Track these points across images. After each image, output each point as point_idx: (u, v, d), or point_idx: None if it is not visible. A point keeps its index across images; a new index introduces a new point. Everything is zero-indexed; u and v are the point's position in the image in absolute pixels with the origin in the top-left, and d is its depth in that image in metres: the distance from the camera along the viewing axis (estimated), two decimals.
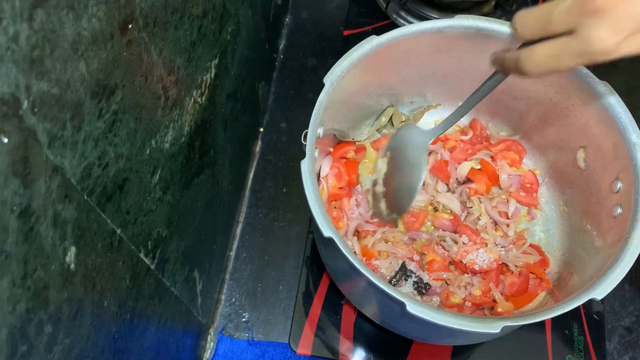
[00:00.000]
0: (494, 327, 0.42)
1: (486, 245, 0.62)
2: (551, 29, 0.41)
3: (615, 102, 0.52)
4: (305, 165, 0.48)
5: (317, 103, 0.51)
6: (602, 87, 0.53)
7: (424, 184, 0.67)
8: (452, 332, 0.46)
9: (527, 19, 0.43)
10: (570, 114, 0.59)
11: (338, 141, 0.67)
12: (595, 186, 0.58)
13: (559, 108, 0.60)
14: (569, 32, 0.40)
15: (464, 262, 0.61)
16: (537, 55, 0.42)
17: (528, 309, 0.59)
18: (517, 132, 0.69)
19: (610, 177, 0.54)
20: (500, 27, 0.56)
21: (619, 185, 0.52)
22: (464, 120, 0.71)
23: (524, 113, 0.66)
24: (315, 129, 0.50)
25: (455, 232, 0.64)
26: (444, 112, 0.72)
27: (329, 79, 0.53)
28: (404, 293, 0.43)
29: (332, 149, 0.66)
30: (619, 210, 0.51)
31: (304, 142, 0.49)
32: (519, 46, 0.45)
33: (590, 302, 0.44)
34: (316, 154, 0.50)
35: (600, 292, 0.44)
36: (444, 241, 0.64)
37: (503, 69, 0.47)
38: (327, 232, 0.45)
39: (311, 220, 0.72)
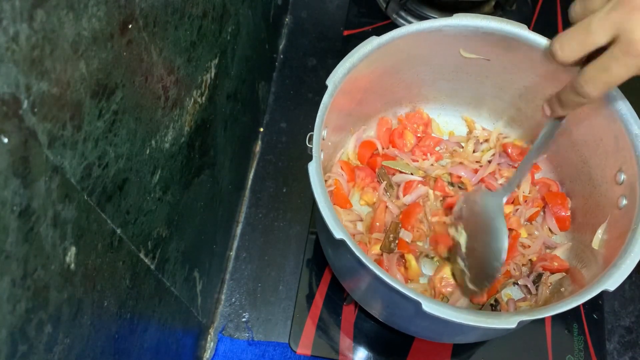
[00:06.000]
0: (510, 322, 0.42)
1: None
2: (593, 41, 0.40)
3: (615, 95, 0.53)
4: (312, 167, 0.48)
5: (322, 105, 0.51)
6: None
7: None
8: (466, 329, 0.46)
9: (565, 38, 0.43)
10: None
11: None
12: (598, 179, 0.58)
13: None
14: (612, 42, 0.39)
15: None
16: (588, 74, 0.41)
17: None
18: (517, 128, 0.69)
19: (613, 170, 0.54)
20: (499, 25, 0.56)
21: (623, 177, 0.52)
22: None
23: (523, 108, 0.66)
24: (320, 132, 0.50)
25: None
26: (444, 111, 0.72)
27: (332, 80, 0.53)
28: (419, 293, 0.43)
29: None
30: (625, 202, 0.51)
31: (309, 145, 0.49)
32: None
33: (591, 301, 0.44)
34: (322, 156, 0.50)
35: (612, 283, 0.44)
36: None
37: (562, 107, 0.47)
38: (338, 234, 0.45)
39: (312, 220, 0.72)
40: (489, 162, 0.68)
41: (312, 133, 0.50)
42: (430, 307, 0.42)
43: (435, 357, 0.64)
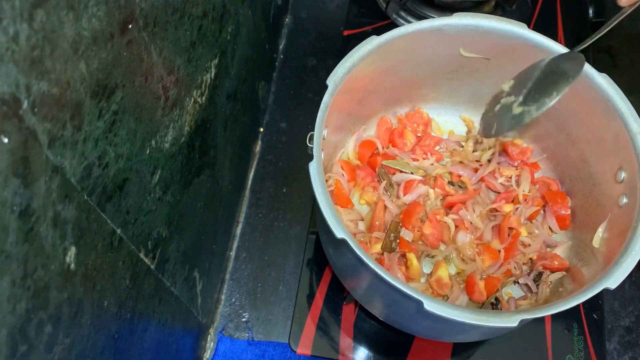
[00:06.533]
0: (511, 321, 0.42)
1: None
2: None
3: (614, 93, 0.53)
4: (313, 167, 0.48)
5: (322, 105, 0.51)
6: (601, 78, 0.53)
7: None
8: (468, 327, 0.46)
9: None
10: (569, 106, 0.59)
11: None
12: (598, 177, 0.58)
13: (558, 101, 0.60)
14: None
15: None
16: None
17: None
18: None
19: (613, 168, 0.54)
20: (499, 24, 0.56)
21: (623, 175, 0.53)
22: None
23: None
24: (321, 131, 0.50)
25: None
26: (444, 111, 0.72)
27: (332, 80, 0.53)
28: (420, 292, 0.43)
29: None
30: (625, 200, 0.52)
31: (309, 145, 0.49)
32: None
33: (591, 301, 0.45)
34: (322, 155, 0.50)
35: (613, 281, 0.45)
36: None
37: None
38: (339, 233, 0.45)
39: (312, 220, 0.72)
40: (489, 161, 0.68)
41: (312, 133, 0.50)
42: (432, 306, 0.42)
43: (435, 356, 0.64)
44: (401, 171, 0.67)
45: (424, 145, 0.70)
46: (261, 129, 0.80)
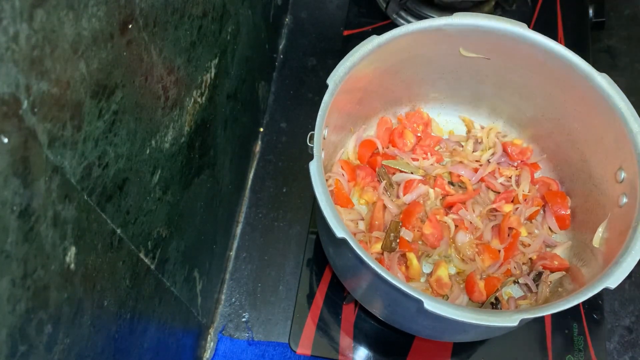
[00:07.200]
0: (512, 320, 0.42)
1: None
2: None
3: (614, 93, 0.53)
4: (313, 166, 0.48)
5: (322, 104, 0.51)
6: (601, 78, 0.53)
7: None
8: (468, 327, 0.46)
9: None
10: (569, 106, 0.59)
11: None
12: (598, 177, 0.58)
13: (558, 101, 0.61)
14: None
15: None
16: None
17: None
18: (516, 127, 0.69)
19: (614, 168, 0.54)
20: (499, 24, 0.56)
21: (623, 175, 0.53)
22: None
23: (522, 107, 0.66)
24: (321, 131, 0.50)
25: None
26: (444, 111, 0.72)
27: (332, 80, 0.53)
28: (420, 291, 0.43)
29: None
30: (625, 200, 0.52)
31: (309, 144, 0.49)
32: None
33: (591, 301, 0.45)
34: (322, 155, 0.50)
35: (613, 281, 0.45)
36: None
37: None
38: (340, 233, 0.45)
39: (312, 220, 0.72)
40: (489, 161, 0.68)
41: (312, 132, 0.50)
42: (432, 305, 0.42)
43: (435, 356, 0.64)
44: (401, 171, 0.67)
45: (424, 145, 0.70)
46: (261, 129, 0.80)
